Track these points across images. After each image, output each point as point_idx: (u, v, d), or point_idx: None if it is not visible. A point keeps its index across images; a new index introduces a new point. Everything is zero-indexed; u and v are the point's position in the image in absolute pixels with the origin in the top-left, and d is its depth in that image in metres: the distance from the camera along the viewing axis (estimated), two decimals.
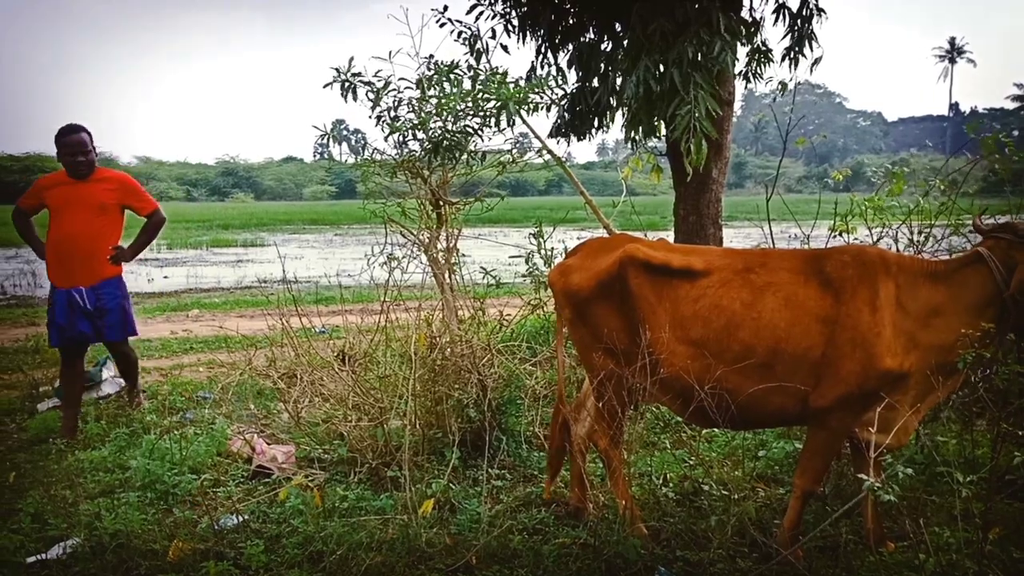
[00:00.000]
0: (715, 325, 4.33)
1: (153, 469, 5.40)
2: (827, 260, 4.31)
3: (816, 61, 7.57)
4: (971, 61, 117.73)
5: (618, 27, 7.53)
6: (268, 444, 5.92)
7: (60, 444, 6.31)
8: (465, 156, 6.15)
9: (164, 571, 4.23)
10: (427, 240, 6.02)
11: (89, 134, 6.50)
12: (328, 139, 6.55)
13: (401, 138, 6.09)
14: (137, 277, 20.67)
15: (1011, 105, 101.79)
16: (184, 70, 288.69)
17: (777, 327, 4.22)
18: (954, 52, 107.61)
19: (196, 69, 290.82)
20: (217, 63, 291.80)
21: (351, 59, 6.16)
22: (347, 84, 6.28)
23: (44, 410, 7.23)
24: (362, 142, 6.82)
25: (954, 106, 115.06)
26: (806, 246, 6.44)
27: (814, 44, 7.48)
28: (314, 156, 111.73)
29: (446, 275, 6.09)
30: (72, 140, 6.38)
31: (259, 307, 13.45)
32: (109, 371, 7.86)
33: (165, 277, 21.53)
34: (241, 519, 4.82)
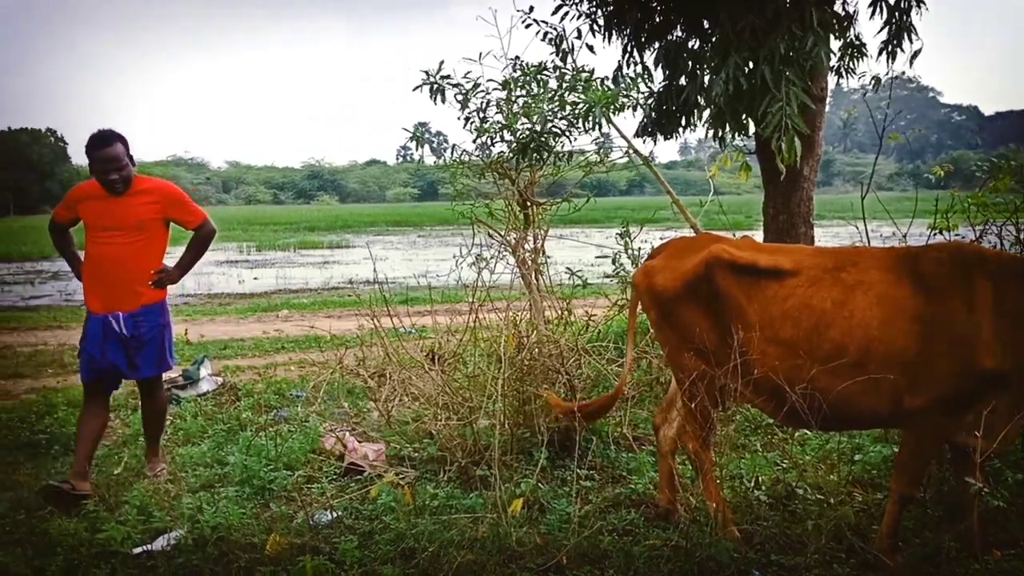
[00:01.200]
0: (805, 324, 4.25)
1: (250, 465, 5.54)
2: (922, 258, 4.21)
3: (915, 54, 7.34)
4: None
5: (706, 24, 7.44)
6: (359, 442, 6.02)
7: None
8: (552, 157, 6.15)
9: (262, 564, 4.33)
10: (515, 241, 6.04)
11: (125, 142, 5.50)
12: (417, 141, 6.64)
13: (489, 139, 6.13)
14: (228, 279, 21.28)
15: None
16: (271, 75, 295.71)
17: (869, 326, 4.12)
18: None
19: (283, 74, 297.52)
20: (303, 68, 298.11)
21: (441, 62, 6.25)
22: (436, 86, 6.35)
23: None
24: (444, 145, 6.89)
25: None
26: (904, 245, 6.26)
27: (912, 37, 7.25)
28: (397, 159, 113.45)
29: (533, 276, 6.10)
30: (104, 155, 5.35)
31: (347, 307, 13.71)
32: (207, 369, 8.12)
33: (255, 278, 22.06)
34: (335, 515, 4.91)
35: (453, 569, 4.20)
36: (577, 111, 6.00)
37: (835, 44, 7.23)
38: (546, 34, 8.00)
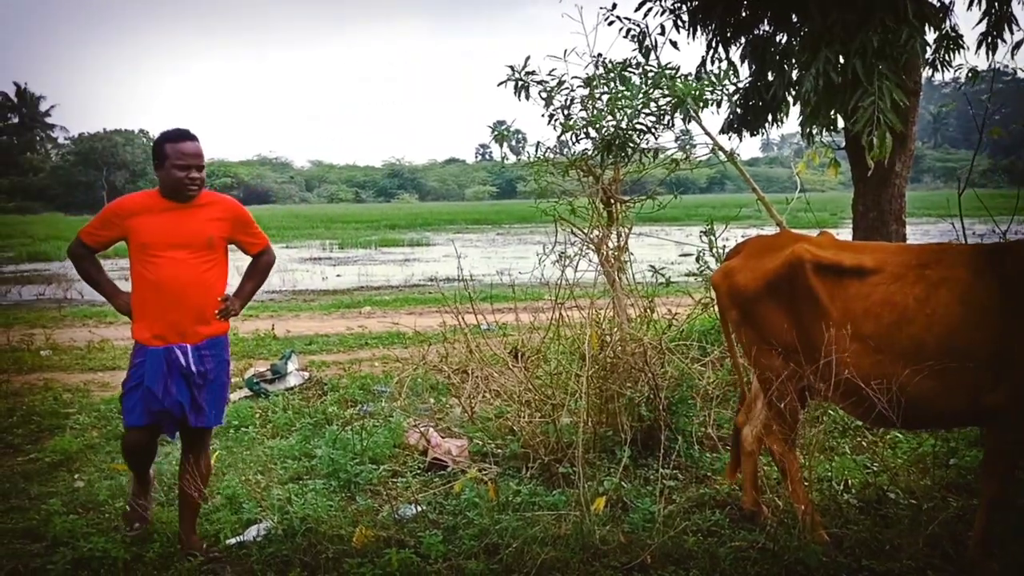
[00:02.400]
0: (886, 320, 4.21)
1: (336, 458, 5.64)
2: (1008, 254, 4.14)
3: (1017, 46, 7.08)
4: None
5: (794, 19, 7.30)
6: (443, 437, 6.08)
7: (251, 432, 6.68)
8: (637, 154, 6.10)
9: (350, 556, 4.41)
10: (599, 238, 6.02)
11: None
12: (499, 140, 6.67)
13: (574, 137, 6.11)
14: (312, 275, 21.72)
15: None
16: (351, 75, 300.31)
17: (950, 323, 4.06)
18: None
19: (362, 74, 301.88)
20: (382, 67, 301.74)
21: (527, 58, 6.25)
22: (520, 83, 6.36)
23: (236, 400, 7.67)
24: (523, 143, 6.90)
25: None
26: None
27: (1013, 27, 7.00)
28: (476, 157, 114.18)
29: (616, 273, 6.07)
30: (188, 149, 4.45)
31: (429, 304, 13.86)
32: (294, 363, 8.30)
33: (338, 275, 22.46)
34: (419, 509, 4.96)
35: (537, 565, 4.20)
36: (664, 107, 5.94)
37: (930, 36, 7.01)
38: (629, 31, 7.96)
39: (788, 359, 4.45)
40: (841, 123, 7.28)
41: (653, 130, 6.00)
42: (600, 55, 6.58)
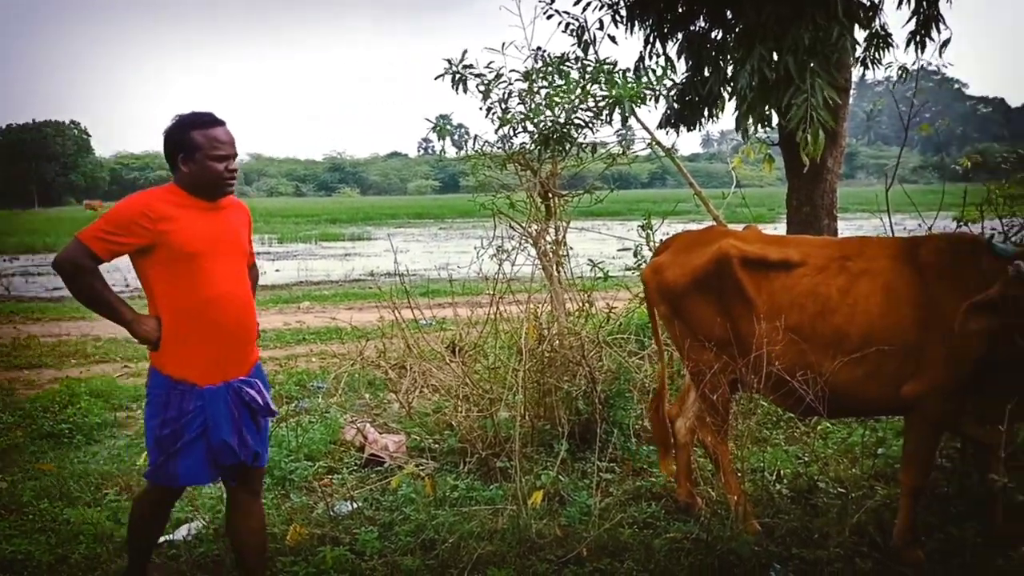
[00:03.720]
0: (810, 311, 4.32)
1: (271, 456, 5.55)
2: (923, 246, 4.27)
3: (943, 45, 7.26)
4: None
5: (729, 15, 7.37)
6: (380, 433, 6.04)
7: None
8: (575, 149, 6.12)
9: (283, 554, 4.36)
10: (536, 233, 6.03)
11: None
12: (439, 133, 6.63)
13: (511, 130, 6.10)
14: None
15: None
16: (291, 66, 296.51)
17: (871, 313, 4.19)
18: None
19: (303, 65, 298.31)
20: (323, 60, 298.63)
21: (464, 51, 6.22)
22: (458, 76, 6.34)
23: None
24: (465, 137, 6.88)
25: None
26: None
27: (940, 27, 7.17)
28: (418, 151, 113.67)
29: (554, 268, 6.08)
30: (223, 136, 3.64)
31: (368, 299, 13.75)
32: None
33: (277, 270, 22.18)
34: (355, 506, 4.93)
35: (473, 560, 4.20)
36: (602, 104, 5.96)
37: (860, 34, 7.15)
38: (568, 25, 7.97)
39: (718, 352, 4.53)
40: (775, 119, 7.38)
41: (591, 125, 6.02)
42: (539, 48, 6.59)
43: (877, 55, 7.52)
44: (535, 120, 6.01)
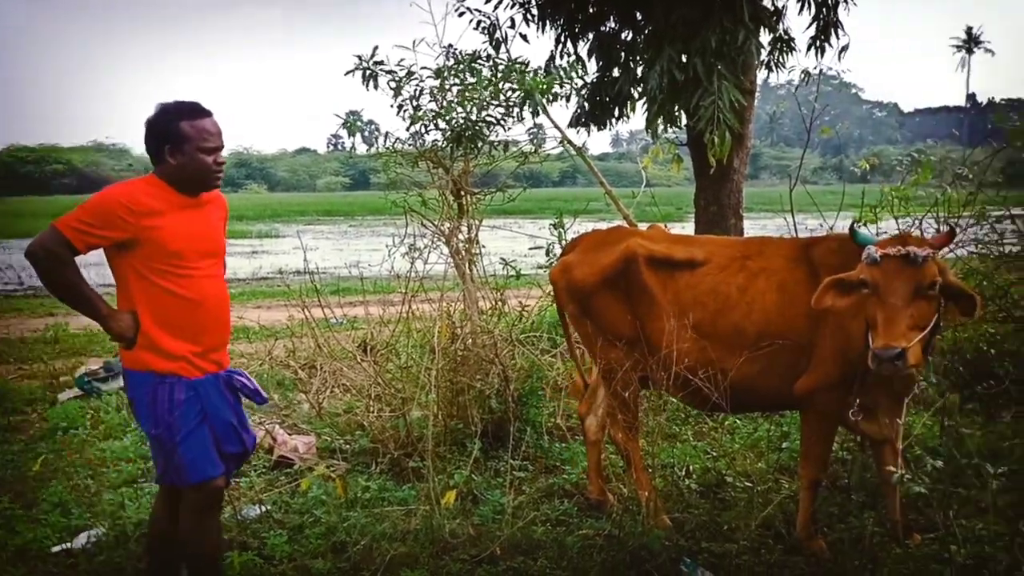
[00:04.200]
0: (711, 308, 4.44)
1: None
2: (816, 246, 4.43)
3: (843, 49, 7.51)
4: (989, 51, 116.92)
5: (639, 16, 7.47)
6: (289, 434, 5.92)
7: (82, 434, 6.32)
8: (487, 146, 6.11)
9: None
10: (448, 231, 6.00)
11: None
12: (349, 129, 6.54)
13: (423, 128, 6.06)
14: None
15: None
16: (197, 60, 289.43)
17: (768, 310, 4.33)
18: (971, 42, 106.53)
19: (209, 60, 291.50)
20: (230, 54, 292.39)
21: (375, 48, 6.14)
22: (368, 72, 6.26)
23: (65, 400, 7.24)
24: (376, 133, 6.81)
25: (971, 97, 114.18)
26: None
27: (840, 32, 7.41)
28: (328, 147, 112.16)
29: (467, 266, 6.07)
30: (212, 127, 3.50)
31: (277, 298, 13.50)
32: None
33: None
34: (263, 509, 4.82)
35: (385, 562, 4.16)
36: (513, 100, 5.96)
37: (765, 38, 7.33)
38: (479, 23, 7.96)
39: (627, 350, 4.59)
40: (684, 120, 7.51)
41: (502, 122, 6.01)
42: (450, 46, 6.56)
43: (780, 59, 7.73)
44: (447, 117, 5.98)
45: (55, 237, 3.23)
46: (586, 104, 7.79)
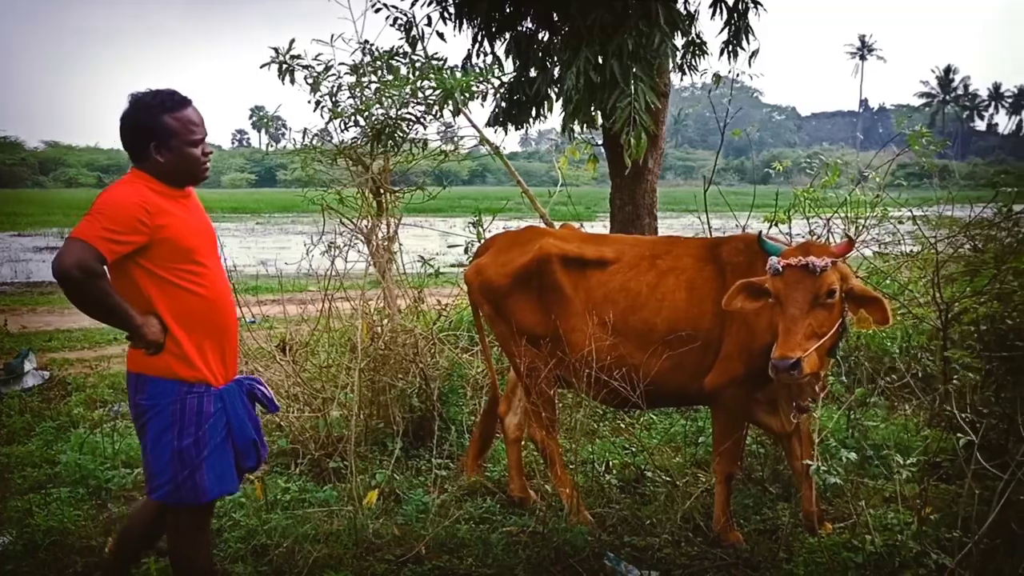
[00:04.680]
0: (622, 305, 4.55)
1: (84, 464, 5.23)
2: (723, 246, 4.58)
3: (753, 54, 7.70)
4: (881, 58, 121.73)
5: (555, 17, 7.52)
6: None
7: None
8: (408, 144, 6.08)
9: (102, 568, 4.10)
10: (368, 228, 5.94)
11: None
12: (257, 125, 6.43)
13: (342, 125, 5.99)
14: (49, 266, 19.97)
15: (917, 102, 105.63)
16: (97, 52, 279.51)
17: (677, 308, 4.46)
18: (864, 49, 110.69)
19: (106, 50, 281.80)
20: (131, 46, 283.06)
21: (291, 41, 6.05)
22: (284, 67, 6.15)
23: None
24: (283, 130, 6.71)
25: (864, 102, 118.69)
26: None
27: (751, 37, 7.60)
28: (232, 143, 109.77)
29: (386, 264, 6.02)
30: (196, 117, 3.32)
31: None
32: (31, 362, 7.60)
33: None
34: None
35: (309, 564, 4.11)
36: (433, 98, 5.94)
37: (678, 42, 7.45)
38: (396, 19, 7.89)
39: (542, 349, 4.65)
40: (600, 121, 7.59)
41: (422, 120, 5.99)
42: (367, 42, 6.49)
43: (693, 62, 7.88)
44: (365, 114, 5.92)
45: (90, 252, 2.95)
46: (503, 103, 7.80)
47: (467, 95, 5.96)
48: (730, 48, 7.63)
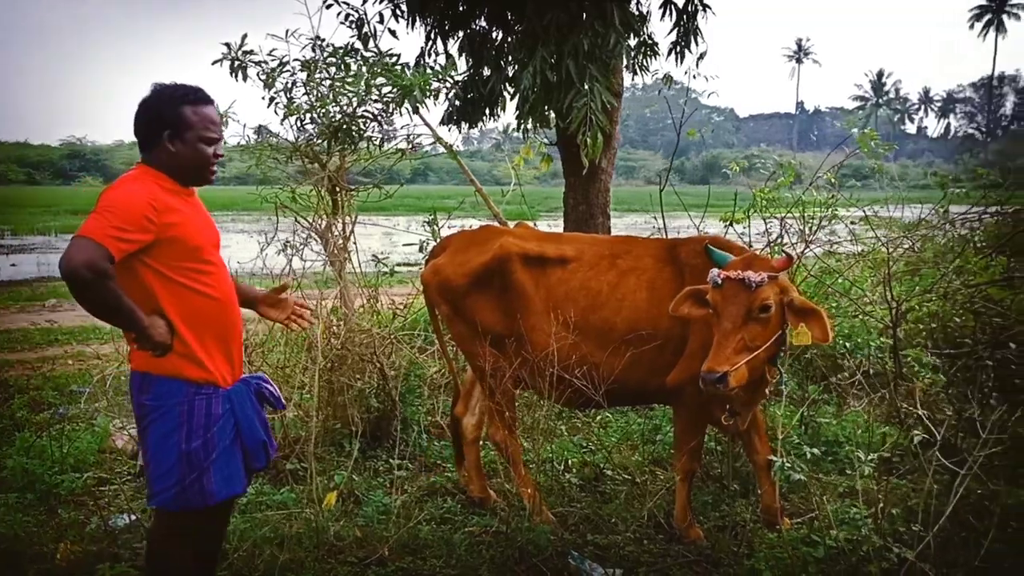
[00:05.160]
0: (582, 304, 4.56)
1: (31, 468, 5.08)
2: (682, 247, 4.62)
3: (701, 56, 7.79)
4: (816, 62, 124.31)
5: (510, 16, 7.51)
6: None
7: None
8: (366, 142, 6.01)
9: (54, 575, 4.00)
10: (324, 227, 5.86)
11: None
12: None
13: (298, 121, 5.89)
14: None
15: (851, 105, 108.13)
16: (30, 45, 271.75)
17: (637, 307, 4.49)
18: (801, 52, 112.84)
19: (44, 45, 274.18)
20: (67, 39, 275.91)
21: (244, 36, 5.93)
22: (237, 63, 6.04)
23: None
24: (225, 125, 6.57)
25: (800, 104, 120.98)
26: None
27: (699, 39, 7.68)
28: None
29: (342, 263, 5.95)
30: (213, 115, 3.26)
31: None
32: None
33: (12, 265, 20.29)
34: (133, 518, 4.58)
35: (270, 568, 4.04)
36: (390, 96, 5.88)
37: (631, 42, 7.51)
38: (348, 16, 7.81)
39: (501, 349, 4.65)
40: (553, 120, 7.61)
41: (379, 118, 5.92)
42: (318, 38, 6.40)
43: (645, 62, 7.95)
44: (321, 111, 5.84)
45: (99, 251, 2.81)
46: (457, 102, 7.77)
47: (426, 93, 5.91)
48: (678, 49, 7.71)
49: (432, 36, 7.97)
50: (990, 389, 4.56)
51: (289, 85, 6.01)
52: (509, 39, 7.48)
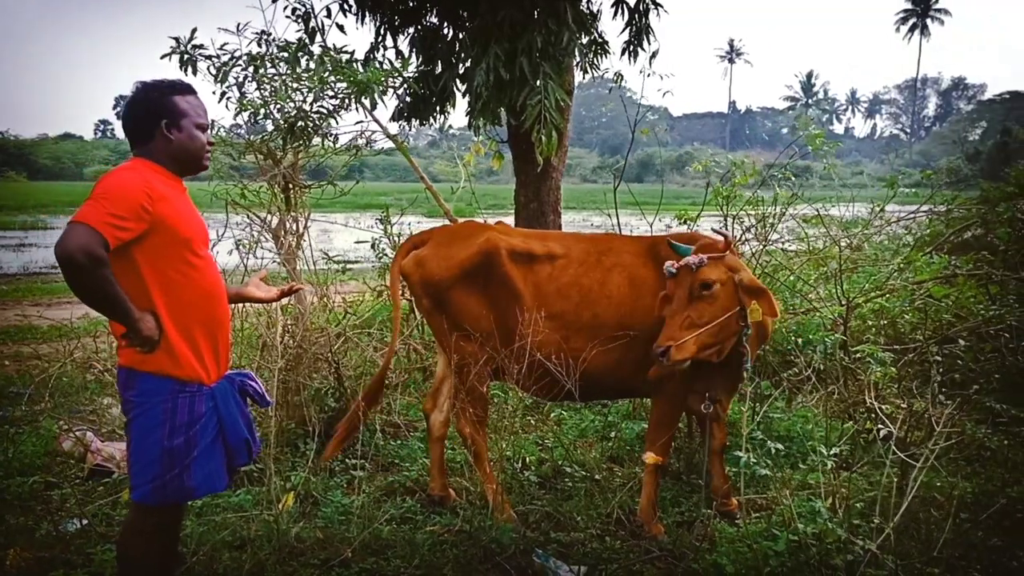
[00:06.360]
0: (574, 300, 4.62)
1: None
2: (662, 245, 4.68)
3: (654, 55, 7.86)
4: (748, 62, 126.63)
5: (462, 12, 7.49)
6: (103, 441, 5.51)
7: None
8: (321, 139, 5.92)
9: None
10: (277, 225, 5.76)
11: None
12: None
13: (251, 117, 5.78)
14: None
15: (782, 105, 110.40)
16: None
17: (623, 304, 4.59)
18: (733, 53, 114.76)
19: None
20: None
21: (194, 29, 5.80)
22: (186, 56, 5.91)
23: None
24: None
25: (732, 104, 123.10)
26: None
27: (651, 38, 7.75)
28: (95, 134, 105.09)
29: (296, 261, 5.86)
30: (200, 103, 3.29)
31: (59, 294, 12.56)
32: None
33: None
34: (84, 522, 4.46)
35: (230, 572, 3.97)
36: (345, 92, 5.80)
37: (582, 40, 7.54)
38: (294, 10, 7.69)
39: (483, 344, 4.61)
40: (505, 117, 7.60)
41: (335, 114, 5.84)
42: (264, 32, 6.27)
43: (596, 61, 7.99)
44: (278, 107, 5.74)
45: (95, 238, 2.78)
46: (408, 98, 7.72)
47: (383, 90, 5.85)
48: (631, 48, 7.76)
49: (382, 32, 7.91)
50: (939, 384, 4.69)
51: (241, 80, 5.88)
52: (461, 35, 7.44)
